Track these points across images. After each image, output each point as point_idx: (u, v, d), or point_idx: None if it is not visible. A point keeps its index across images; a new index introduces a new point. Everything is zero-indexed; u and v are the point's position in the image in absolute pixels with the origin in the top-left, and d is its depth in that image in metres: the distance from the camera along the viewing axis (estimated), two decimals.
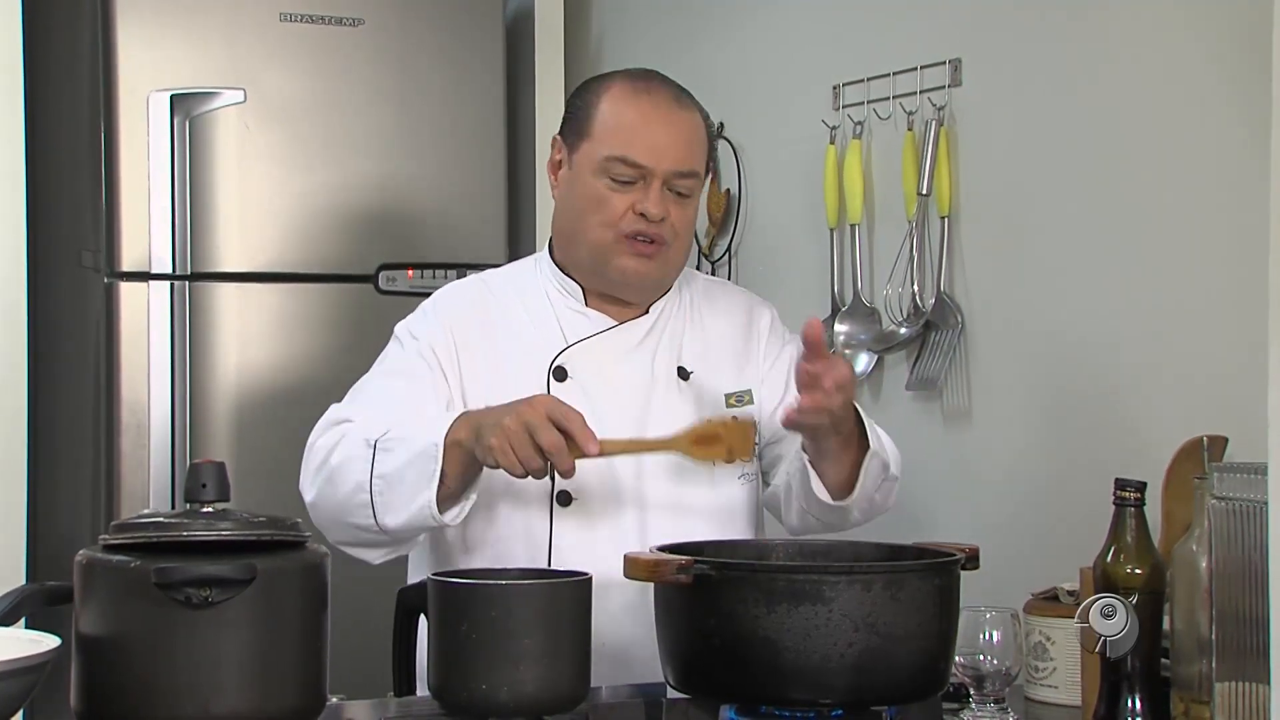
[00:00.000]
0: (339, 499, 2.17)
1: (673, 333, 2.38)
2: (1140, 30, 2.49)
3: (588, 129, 2.30)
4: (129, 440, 3.21)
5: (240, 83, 3.28)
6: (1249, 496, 1.78)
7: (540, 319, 2.35)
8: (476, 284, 2.43)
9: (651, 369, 2.34)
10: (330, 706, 1.79)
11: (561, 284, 2.37)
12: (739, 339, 2.43)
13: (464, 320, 2.34)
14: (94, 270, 3.27)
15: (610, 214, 2.27)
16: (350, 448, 2.17)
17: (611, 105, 2.30)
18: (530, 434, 2.02)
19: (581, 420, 2.04)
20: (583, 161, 2.30)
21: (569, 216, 2.33)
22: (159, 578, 1.61)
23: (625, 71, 2.38)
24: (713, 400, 2.35)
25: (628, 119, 2.28)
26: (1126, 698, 1.92)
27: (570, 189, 2.32)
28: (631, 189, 2.26)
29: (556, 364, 2.31)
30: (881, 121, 2.95)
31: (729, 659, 1.81)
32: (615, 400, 2.30)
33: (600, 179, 2.27)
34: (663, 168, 2.26)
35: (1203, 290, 2.38)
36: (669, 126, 2.28)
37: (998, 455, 2.72)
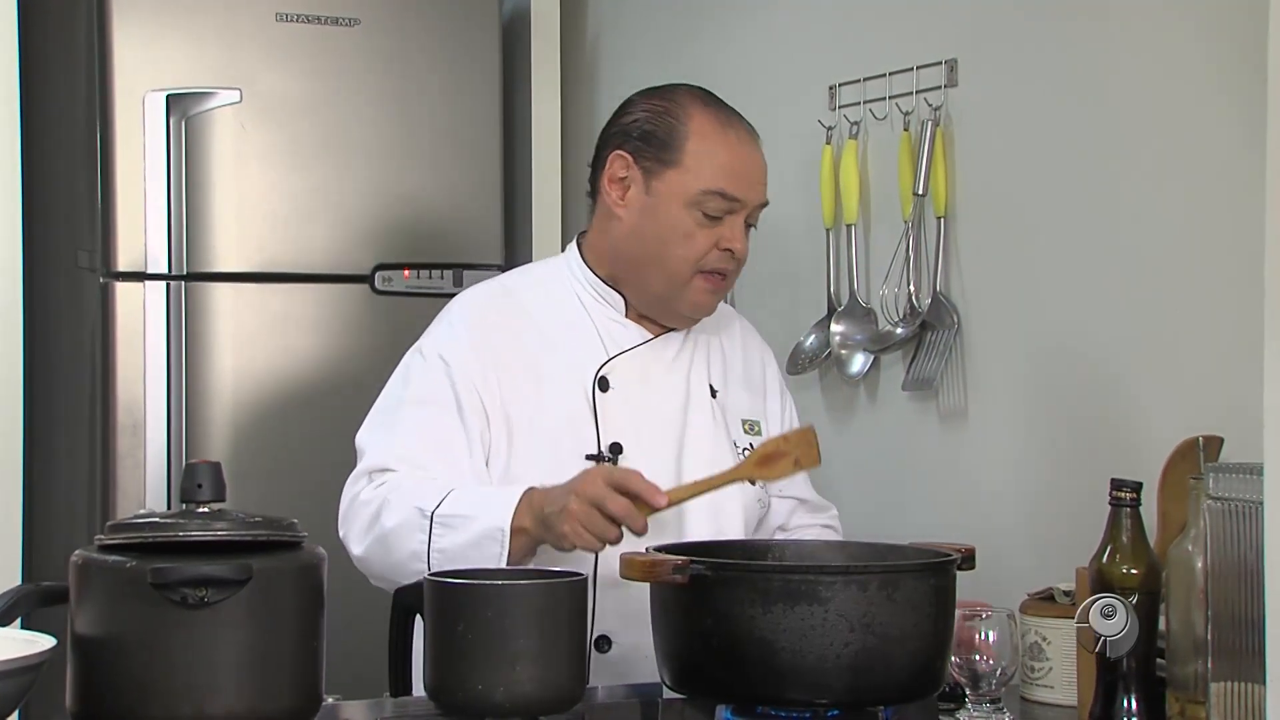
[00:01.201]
0: (392, 562, 2.18)
1: (700, 350, 2.41)
2: (1137, 30, 2.49)
3: (676, 158, 2.29)
4: (125, 440, 3.21)
5: (236, 83, 3.28)
6: (1244, 497, 1.78)
7: (578, 327, 2.35)
8: (500, 292, 2.41)
9: (687, 384, 2.36)
10: (326, 706, 1.79)
11: (601, 293, 2.37)
12: (750, 371, 2.47)
13: (495, 335, 2.32)
14: (90, 270, 3.27)
15: (695, 249, 2.28)
16: (403, 513, 2.17)
17: (703, 137, 2.31)
18: (598, 508, 2.03)
19: (641, 478, 2.07)
20: (669, 191, 2.29)
21: (643, 243, 2.31)
22: (155, 578, 1.61)
23: (695, 94, 2.38)
24: (734, 422, 2.40)
25: (723, 154, 2.30)
26: (1122, 698, 1.92)
27: (649, 216, 2.31)
28: (718, 225, 2.29)
29: (601, 374, 2.31)
30: (877, 122, 2.95)
31: (725, 659, 1.81)
32: (655, 413, 2.32)
33: (691, 211, 2.28)
34: (753, 201, 2.31)
35: (1198, 290, 2.39)
36: (755, 161, 2.34)
37: (994, 455, 2.72)
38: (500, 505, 2.12)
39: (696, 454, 2.32)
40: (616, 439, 2.28)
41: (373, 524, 2.21)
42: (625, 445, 2.28)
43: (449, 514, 2.14)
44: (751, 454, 2.24)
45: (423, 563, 2.14)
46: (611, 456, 2.27)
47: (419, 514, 2.15)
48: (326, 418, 3.32)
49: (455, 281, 3.45)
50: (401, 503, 2.18)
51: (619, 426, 2.28)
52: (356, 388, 3.33)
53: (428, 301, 3.42)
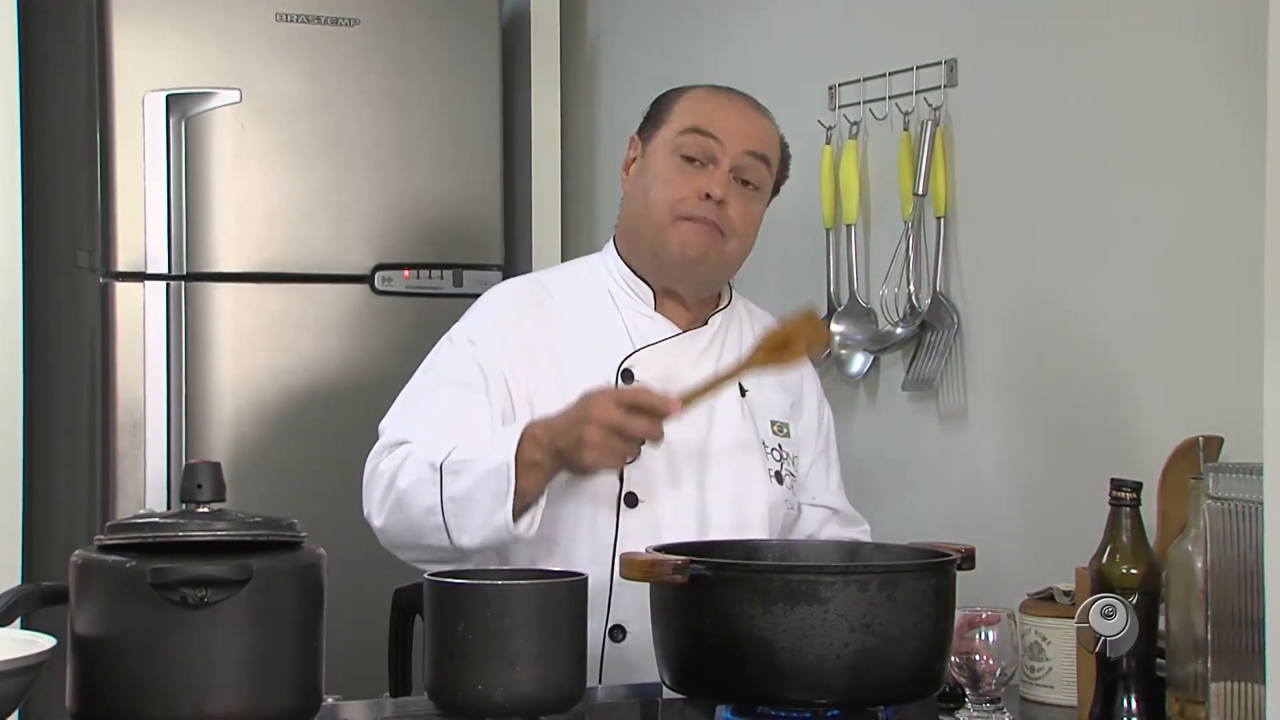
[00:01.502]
0: (410, 522, 2.18)
1: (732, 347, 2.40)
2: (1136, 30, 2.49)
3: (664, 119, 2.37)
4: (125, 440, 3.21)
5: (236, 83, 3.28)
6: (1244, 497, 1.78)
7: (606, 319, 2.36)
8: (532, 284, 2.44)
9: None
10: (326, 707, 1.79)
11: (631, 285, 2.38)
12: (787, 376, 2.45)
13: (522, 323, 2.33)
14: (90, 270, 3.27)
15: (673, 193, 2.30)
16: (415, 471, 2.18)
17: (690, 98, 2.38)
18: (619, 432, 2.05)
19: (649, 392, 2.09)
20: (656, 146, 2.35)
21: (635, 202, 2.37)
22: (155, 578, 1.61)
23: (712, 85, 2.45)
24: (764, 423, 2.39)
25: (707, 102, 2.36)
26: (1122, 698, 1.92)
27: (639, 176, 2.37)
28: (701, 170, 2.30)
29: (624, 367, 2.31)
30: (877, 122, 2.95)
31: (725, 659, 1.81)
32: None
33: (671, 159, 2.32)
34: (734, 145, 2.31)
35: (1199, 290, 2.39)
36: (745, 116, 2.37)
37: (993, 455, 2.72)
38: (503, 443, 2.12)
39: (722, 449, 2.32)
40: None
41: (389, 489, 2.21)
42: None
43: (457, 460, 2.14)
44: (760, 341, 2.23)
45: (437, 516, 2.14)
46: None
47: (430, 468, 2.16)
48: (327, 418, 3.33)
49: (455, 282, 3.45)
50: (414, 463, 2.19)
51: None
52: (357, 387, 3.35)
53: (428, 302, 3.43)
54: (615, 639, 2.24)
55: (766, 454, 2.37)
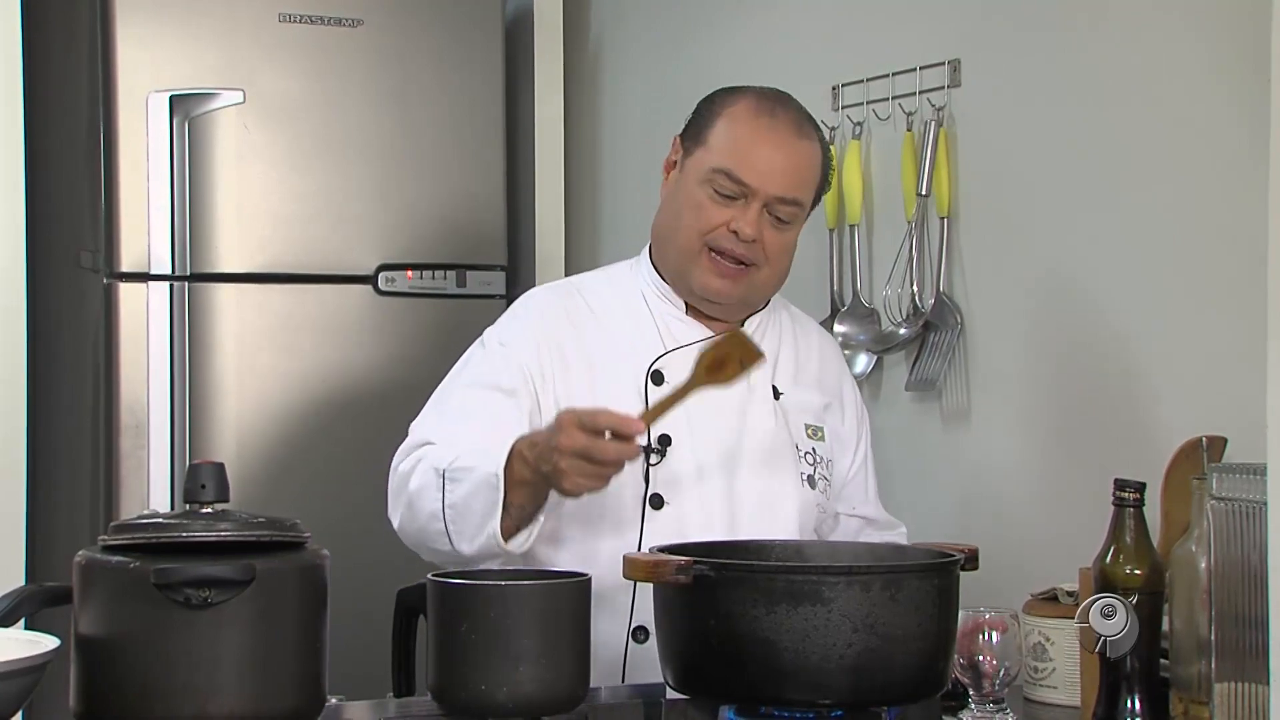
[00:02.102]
0: (419, 526, 2.20)
1: (768, 350, 2.36)
2: (1139, 30, 2.49)
3: (705, 137, 2.32)
4: (128, 441, 3.21)
5: (239, 83, 3.28)
6: (1248, 497, 1.78)
7: (638, 321, 2.36)
8: (568, 287, 2.45)
9: (748, 382, 2.33)
10: (329, 707, 1.79)
11: (663, 290, 2.38)
12: (825, 380, 2.45)
13: (556, 325, 2.34)
14: (93, 271, 3.27)
15: (704, 223, 2.29)
16: (424, 475, 2.19)
17: (731, 119, 2.32)
18: (588, 459, 2.03)
19: (610, 413, 2.05)
20: (693, 167, 2.32)
21: (667, 216, 2.36)
22: (158, 578, 1.61)
23: (759, 89, 2.39)
24: (797, 426, 2.38)
25: (743, 136, 2.30)
26: (1126, 698, 1.92)
27: (675, 191, 2.35)
28: (732, 205, 2.28)
29: (655, 368, 2.31)
30: (880, 122, 2.95)
31: (728, 659, 1.81)
32: (711, 409, 2.29)
33: (704, 188, 2.29)
34: (765, 190, 2.28)
35: (1202, 291, 2.38)
36: (781, 151, 2.30)
37: (997, 455, 2.72)
38: (496, 454, 2.12)
39: (753, 451, 2.32)
40: (666, 431, 2.27)
41: (402, 491, 2.23)
42: (675, 438, 2.27)
43: (457, 467, 2.15)
44: (696, 362, 2.18)
45: (439, 522, 2.15)
46: (660, 449, 2.26)
47: (435, 473, 2.17)
48: (330, 418, 3.33)
49: (458, 282, 3.45)
50: (425, 467, 2.20)
51: (671, 419, 2.24)
52: (360, 388, 3.35)
53: (431, 302, 3.43)
54: (638, 640, 2.23)
55: (800, 458, 2.36)
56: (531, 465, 2.09)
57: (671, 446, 2.27)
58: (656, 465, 2.25)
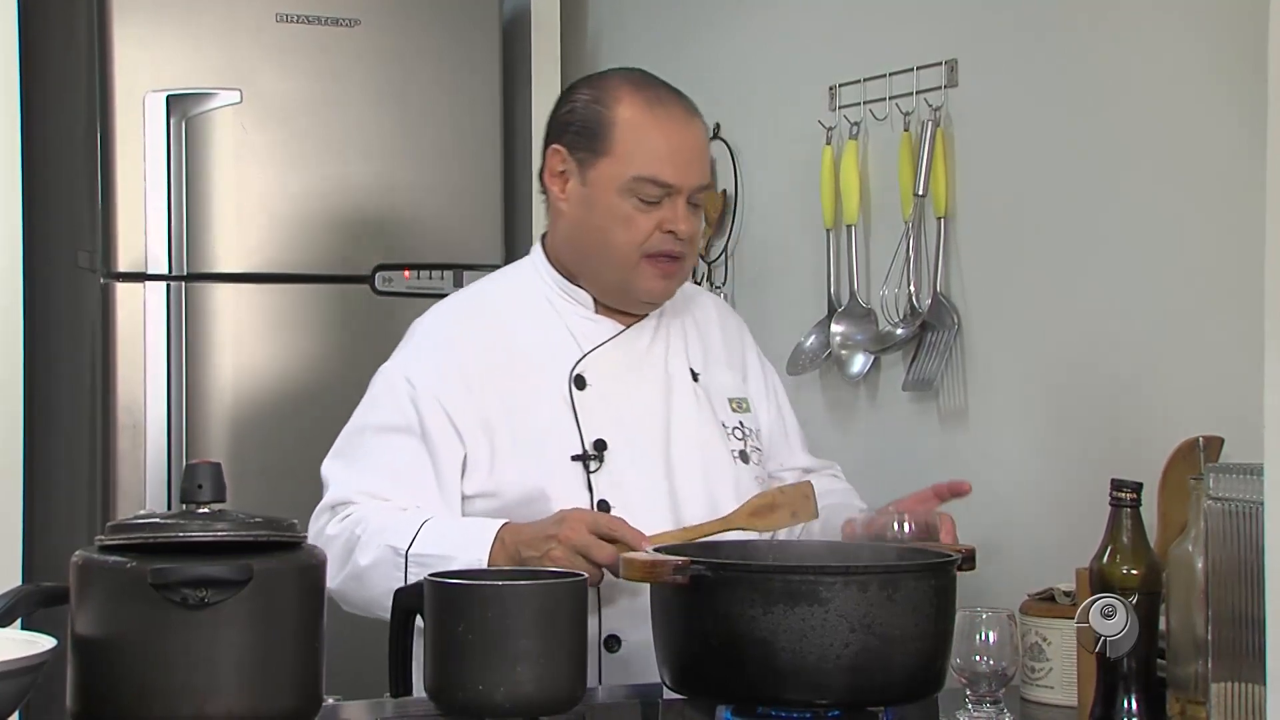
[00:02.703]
0: (369, 597, 2.17)
1: (676, 335, 2.39)
2: (1137, 30, 2.49)
3: (605, 146, 2.27)
4: (125, 441, 3.21)
5: (237, 83, 3.28)
6: (1245, 497, 1.78)
7: (549, 329, 2.33)
8: (466, 304, 2.40)
9: (666, 370, 2.35)
10: (326, 707, 1.79)
11: (568, 292, 2.35)
12: (730, 346, 2.45)
13: (463, 351, 2.30)
14: (90, 271, 3.27)
15: (637, 234, 2.26)
16: (376, 551, 2.16)
17: (631, 122, 2.27)
18: (584, 555, 2.04)
19: (624, 525, 2.07)
20: (603, 180, 2.27)
21: (587, 234, 2.30)
22: (155, 578, 1.61)
23: (626, 78, 2.34)
24: (721, 403, 2.37)
25: (653, 139, 2.26)
26: (1123, 698, 1.92)
27: (588, 207, 2.29)
28: (657, 208, 2.26)
29: (576, 372, 2.30)
30: (878, 122, 2.95)
31: (726, 659, 1.81)
32: (637, 404, 2.31)
33: (627, 199, 2.26)
34: (689, 184, 2.27)
35: (1199, 291, 2.38)
36: (688, 141, 2.29)
37: (994, 456, 2.72)
38: (475, 545, 2.12)
39: (684, 440, 2.31)
40: (600, 436, 2.26)
41: (345, 560, 2.19)
42: (610, 441, 2.27)
43: (424, 554, 2.12)
44: (745, 504, 2.22)
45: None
46: (597, 454, 2.25)
47: (393, 552, 2.15)
48: (327, 418, 3.29)
49: (456, 282, 3.45)
50: (373, 540, 2.17)
51: (601, 423, 2.27)
52: (357, 388, 3.31)
53: (428, 302, 3.40)
54: (610, 649, 2.23)
55: (728, 435, 2.35)
56: (511, 552, 2.10)
57: (608, 450, 2.26)
58: (596, 472, 2.24)
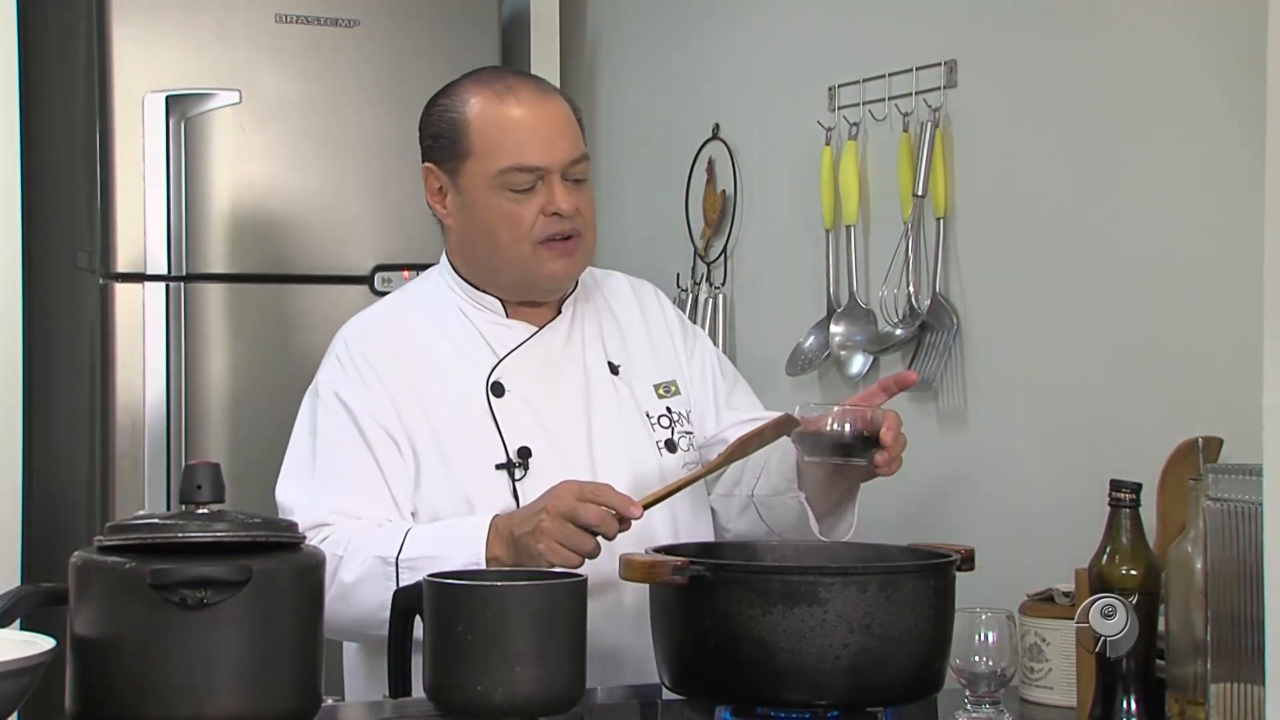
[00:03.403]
0: (356, 616, 2.13)
1: (591, 329, 2.36)
2: (1136, 32, 2.49)
3: (464, 148, 2.25)
4: (124, 441, 3.21)
5: (236, 84, 3.28)
6: (1244, 498, 1.78)
7: (462, 339, 2.31)
8: (384, 318, 2.37)
9: (584, 368, 2.33)
10: (325, 707, 1.79)
11: (477, 300, 2.32)
12: (648, 327, 2.42)
13: (383, 366, 2.27)
14: (89, 271, 3.27)
15: (521, 225, 2.23)
16: (363, 566, 2.13)
17: (480, 118, 2.25)
18: (571, 520, 2.02)
19: (611, 490, 2.05)
20: (473, 183, 2.25)
21: (475, 240, 2.29)
22: (154, 579, 1.61)
23: (475, 76, 2.33)
24: (644, 391, 2.35)
25: (506, 127, 2.24)
26: (1122, 699, 1.92)
27: (469, 214, 2.28)
28: (533, 194, 2.23)
29: (492, 379, 2.28)
30: (877, 123, 2.95)
31: (724, 660, 1.81)
32: (557, 404, 2.28)
33: (500, 194, 2.23)
34: (556, 162, 2.23)
35: (1198, 291, 2.39)
36: (547, 119, 2.25)
37: (993, 456, 2.72)
38: (470, 539, 2.10)
39: (606, 438, 2.29)
40: (524, 443, 2.24)
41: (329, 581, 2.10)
42: (534, 447, 2.24)
43: (415, 557, 2.11)
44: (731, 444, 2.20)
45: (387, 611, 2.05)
46: (521, 462, 2.23)
47: (381, 563, 2.12)
48: None
49: None
50: (357, 555, 2.15)
51: (522, 429, 2.25)
52: None
53: None
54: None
55: (651, 426, 2.33)
56: (505, 536, 2.08)
57: (533, 457, 2.24)
58: (522, 479, 2.22)
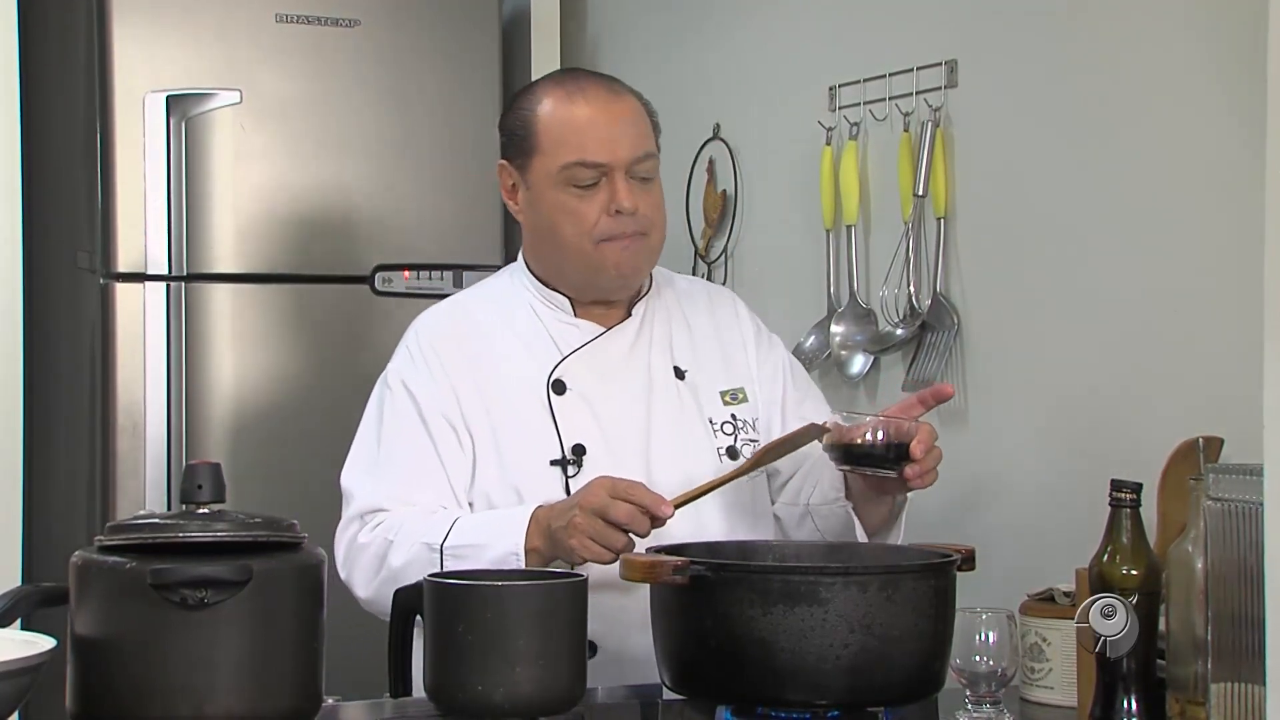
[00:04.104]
0: None
1: (661, 333, 2.37)
2: (1137, 31, 2.49)
3: (533, 145, 2.28)
4: (125, 441, 3.21)
5: (236, 84, 3.28)
6: (1244, 498, 1.78)
7: (530, 335, 2.33)
8: (456, 311, 2.40)
9: (648, 371, 2.34)
10: (326, 707, 1.79)
11: (547, 298, 2.35)
12: (723, 335, 2.42)
13: (451, 358, 2.30)
14: (90, 271, 3.27)
15: (584, 222, 2.25)
16: (410, 550, 2.17)
17: (549, 115, 2.28)
18: (602, 517, 2.03)
19: (644, 488, 2.06)
20: (540, 179, 2.28)
21: (543, 236, 2.32)
22: (155, 579, 1.61)
23: (551, 77, 2.37)
24: (710, 397, 2.36)
25: (572, 124, 2.26)
26: (1122, 698, 1.92)
27: (536, 209, 2.31)
28: (597, 191, 2.25)
29: (554, 377, 2.29)
30: (877, 123, 2.95)
31: (725, 660, 1.81)
32: (616, 406, 2.30)
33: (563, 190, 2.26)
34: (619, 158, 2.25)
35: (1198, 291, 2.39)
36: (610, 116, 2.27)
37: (994, 456, 2.72)
38: (512, 529, 2.12)
39: (664, 442, 2.30)
40: (579, 441, 2.26)
41: (379, 565, 2.21)
42: (588, 446, 2.26)
43: (460, 544, 2.14)
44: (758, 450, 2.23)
45: None
46: (575, 459, 2.25)
47: (427, 549, 2.15)
48: (327, 418, 3.32)
49: (455, 282, 3.45)
50: (406, 540, 2.18)
51: (580, 427, 2.26)
52: (356, 389, 3.31)
53: (427, 302, 3.40)
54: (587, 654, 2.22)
55: (714, 432, 2.33)
56: (544, 528, 2.10)
57: (586, 455, 2.25)
58: (574, 477, 2.23)
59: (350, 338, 3.37)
